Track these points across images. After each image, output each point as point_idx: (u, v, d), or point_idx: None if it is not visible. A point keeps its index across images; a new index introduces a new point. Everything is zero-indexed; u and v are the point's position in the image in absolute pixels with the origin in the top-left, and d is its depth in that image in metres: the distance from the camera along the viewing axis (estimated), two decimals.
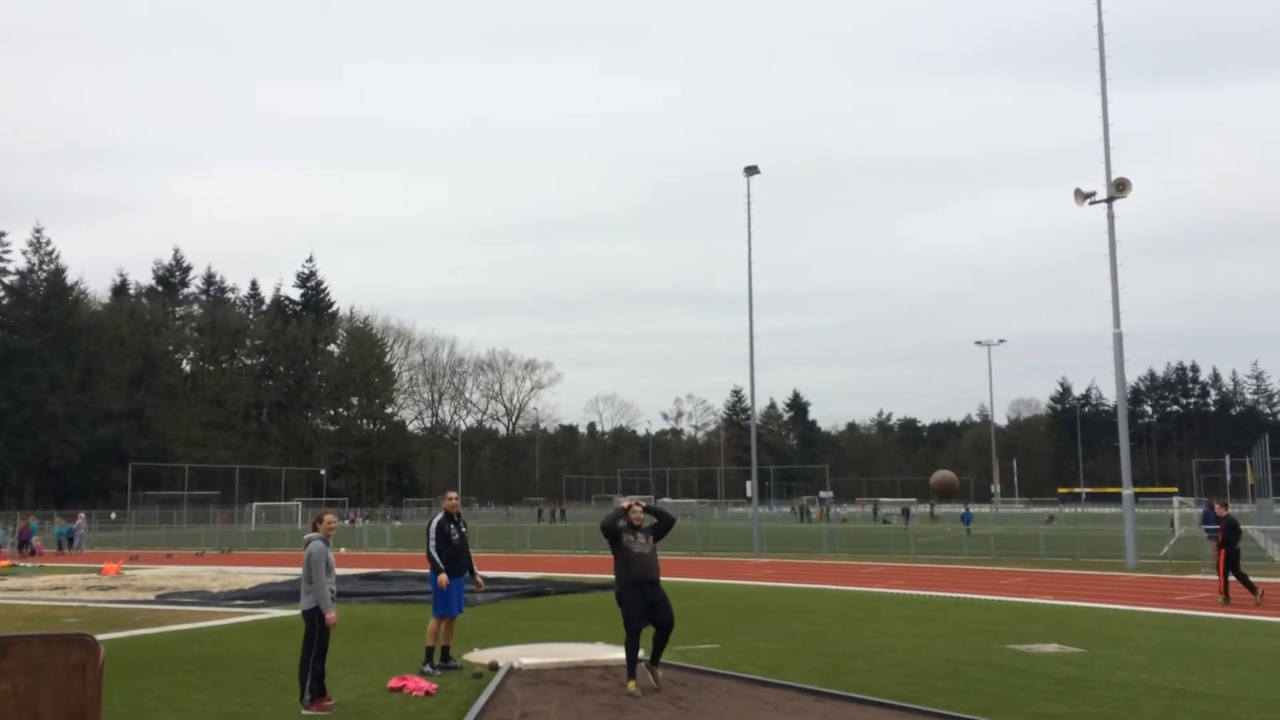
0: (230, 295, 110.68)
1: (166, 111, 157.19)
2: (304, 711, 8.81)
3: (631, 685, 9.46)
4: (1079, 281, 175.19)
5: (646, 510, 10.12)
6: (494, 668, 10.78)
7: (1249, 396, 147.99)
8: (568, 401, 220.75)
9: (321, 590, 9.07)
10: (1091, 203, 28.83)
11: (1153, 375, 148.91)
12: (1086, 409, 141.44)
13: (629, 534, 9.76)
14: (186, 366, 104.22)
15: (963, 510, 55.32)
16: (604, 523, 9.96)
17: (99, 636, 6.64)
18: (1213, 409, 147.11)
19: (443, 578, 10.90)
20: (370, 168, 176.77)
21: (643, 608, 9.48)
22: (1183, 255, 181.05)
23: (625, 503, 10.06)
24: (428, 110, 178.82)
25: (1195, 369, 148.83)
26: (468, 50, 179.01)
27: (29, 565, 33.05)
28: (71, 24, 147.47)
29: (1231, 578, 17.81)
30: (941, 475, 17.81)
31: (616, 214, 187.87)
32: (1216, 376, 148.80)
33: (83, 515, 48.74)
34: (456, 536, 11.14)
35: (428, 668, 10.70)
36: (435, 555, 11.00)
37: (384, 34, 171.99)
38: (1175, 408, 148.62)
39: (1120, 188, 28.27)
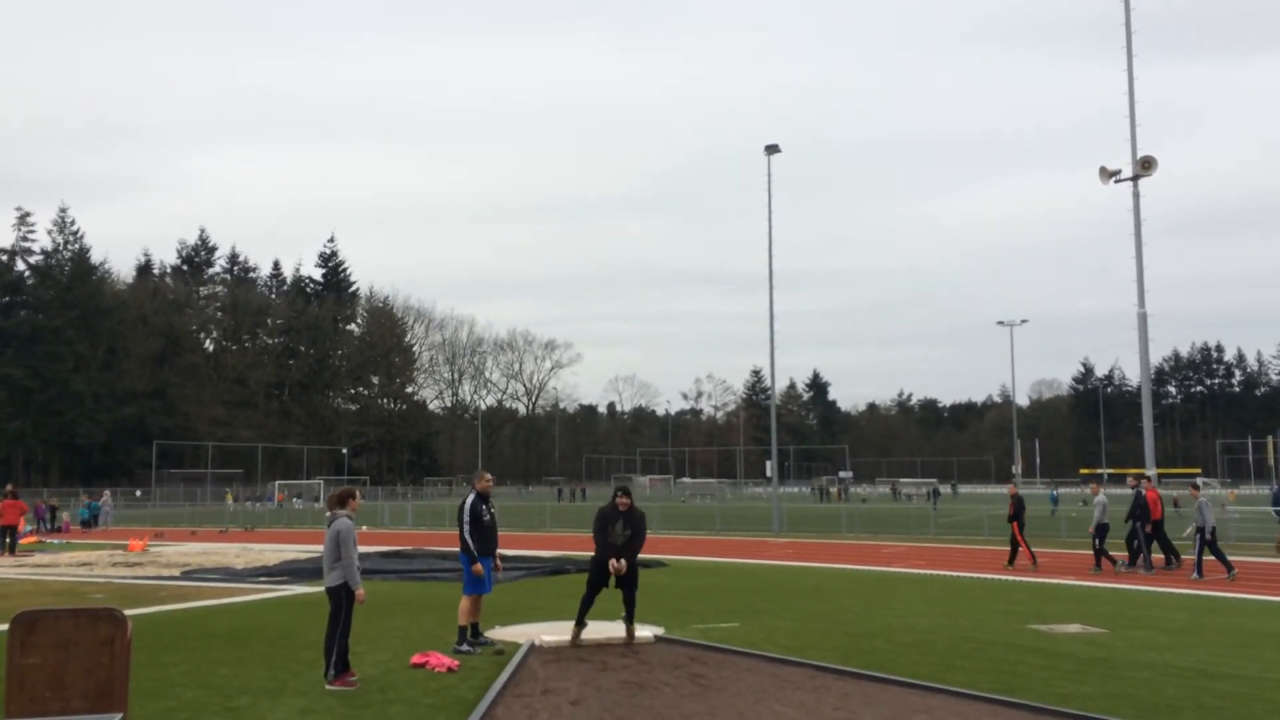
0: (253, 275, 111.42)
1: (189, 91, 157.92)
2: (328, 686, 8.89)
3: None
4: (1103, 261, 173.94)
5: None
6: (498, 653, 10.58)
7: (1274, 377, 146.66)
8: (587, 381, 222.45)
9: (351, 567, 9.14)
10: (1117, 181, 28.48)
11: (1177, 355, 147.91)
12: (1109, 390, 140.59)
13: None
14: (209, 346, 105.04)
15: (1050, 492, 55.16)
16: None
17: (126, 612, 6.71)
18: (1237, 390, 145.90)
19: (477, 567, 10.83)
20: (391, 147, 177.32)
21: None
22: (1208, 233, 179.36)
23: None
24: (448, 89, 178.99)
25: (1220, 349, 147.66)
26: (487, 28, 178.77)
27: (56, 542, 33.48)
28: (92, 2, 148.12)
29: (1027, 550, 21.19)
30: None
31: (637, 193, 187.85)
32: (1241, 357, 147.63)
33: (108, 493, 49.30)
34: (488, 517, 11.07)
35: (465, 646, 10.67)
36: (469, 539, 10.87)
37: (405, 11, 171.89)
38: (1199, 388, 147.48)
39: (1146, 166, 27.91)
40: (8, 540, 26.67)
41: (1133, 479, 22.69)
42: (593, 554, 11.27)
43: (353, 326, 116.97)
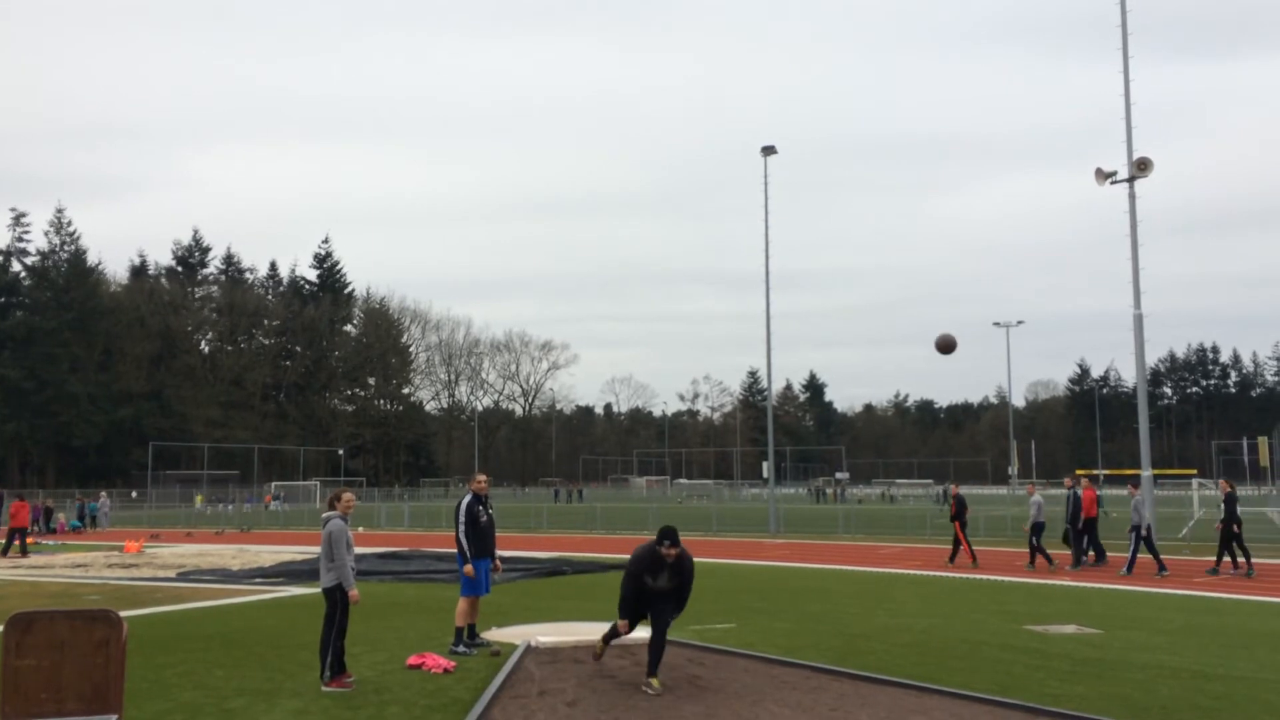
0: (248, 276, 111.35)
1: (183, 90, 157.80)
2: (324, 688, 8.88)
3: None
4: (1099, 262, 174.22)
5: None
6: (495, 655, 10.55)
7: (1270, 378, 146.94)
8: (584, 382, 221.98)
9: (344, 568, 9.13)
10: (1113, 182, 28.54)
11: (1173, 356, 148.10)
12: (1105, 391, 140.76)
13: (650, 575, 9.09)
14: (205, 347, 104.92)
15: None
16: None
17: (121, 613, 6.70)
18: (1233, 391, 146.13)
19: (468, 568, 10.79)
20: (386, 147, 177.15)
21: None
22: (1205, 234, 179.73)
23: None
24: (445, 89, 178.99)
25: (1216, 350, 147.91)
26: (484, 28, 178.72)
27: (51, 543, 33.43)
28: (88, 2, 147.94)
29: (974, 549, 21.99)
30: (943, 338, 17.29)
31: (634, 194, 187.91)
32: (1237, 358, 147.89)
33: (105, 494, 49.26)
34: (485, 519, 11.01)
35: (461, 648, 10.66)
36: (464, 541, 10.81)
37: (400, 11, 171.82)
38: (1195, 389, 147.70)
39: (1142, 167, 27.97)
40: (17, 542, 26.60)
41: (1069, 479, 23.30)
42: (621, 597, 9.25)
43: (349, 327, 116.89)
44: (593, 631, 11.71)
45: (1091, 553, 21.32)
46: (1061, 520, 22.16)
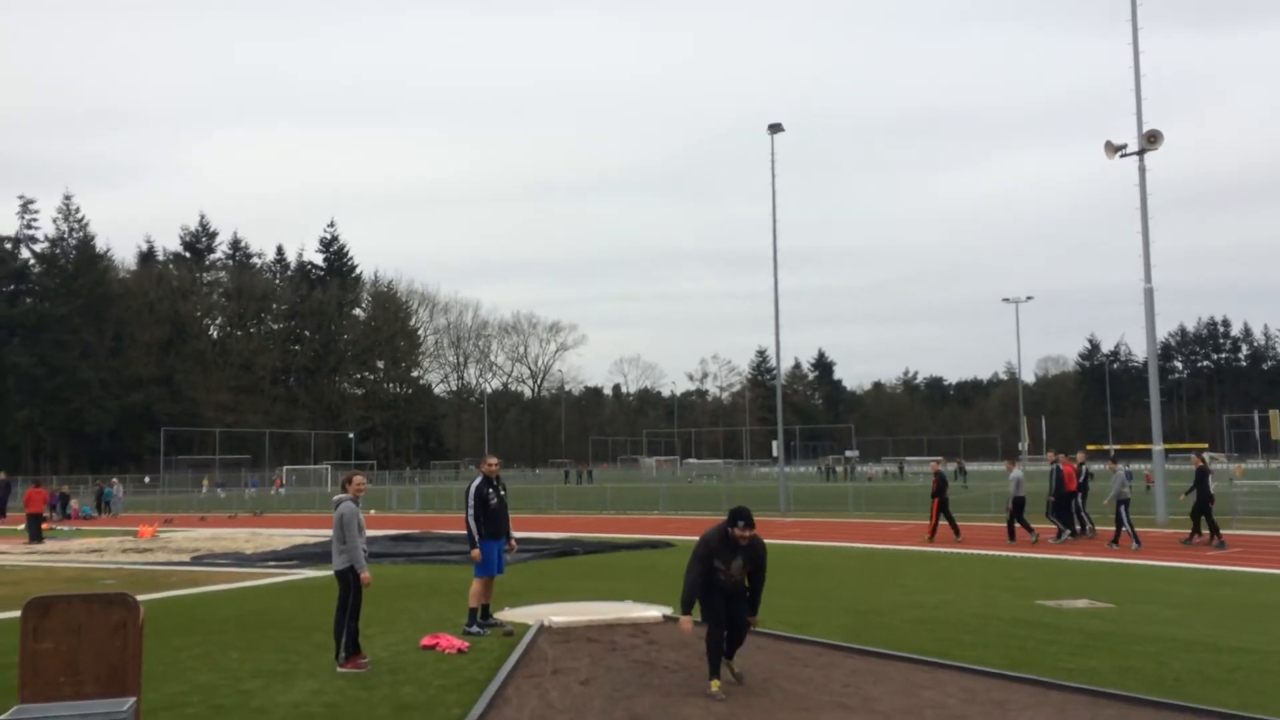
0: (256, 261, 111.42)
1: (188, 77, 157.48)
2: (339, 669, 8.94)
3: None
4: (1109, 236, 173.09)
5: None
6: (508, 634, 10.58)
7: None
8: (592, 363, 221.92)
9: (355, 550, 9.17)
10: (1123, 155, 28.36)
11: (1183, 330, 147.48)
12: (1115, 365, 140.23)
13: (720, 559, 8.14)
14: (214, 332, 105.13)
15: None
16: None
17: (137, 597, 6.75)
18: (1244, 364, 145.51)
19: (475, 552, 10.84)
20: (392, 130, 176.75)
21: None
22: (1215, 207, 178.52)
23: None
24: (448, 73, 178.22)
25: (1226, 323, 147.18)
26: (488, 8, 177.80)
27: (66, 529, 33.66)
28: None
29: (942, 521, 22.44)
30: None
31: (641, 174, 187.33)
32: (1248, 331, 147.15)
33: (117, 480, 49.54)
34: (495, 501, 11.01)
35: (475, 628, 10.71)
36: (473, 523, 10.85)
37: None
38: (1206, 363, 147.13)
39: (1152, 140, 27.77)
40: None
41: (1051, 454, 23.57)
42: (686, 584, 8.15)
43: (357, 311, 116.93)
44: (605, 611, 11.76)
45: (1078, 526, 21.60)
46: (1044, 495, 22.17)
